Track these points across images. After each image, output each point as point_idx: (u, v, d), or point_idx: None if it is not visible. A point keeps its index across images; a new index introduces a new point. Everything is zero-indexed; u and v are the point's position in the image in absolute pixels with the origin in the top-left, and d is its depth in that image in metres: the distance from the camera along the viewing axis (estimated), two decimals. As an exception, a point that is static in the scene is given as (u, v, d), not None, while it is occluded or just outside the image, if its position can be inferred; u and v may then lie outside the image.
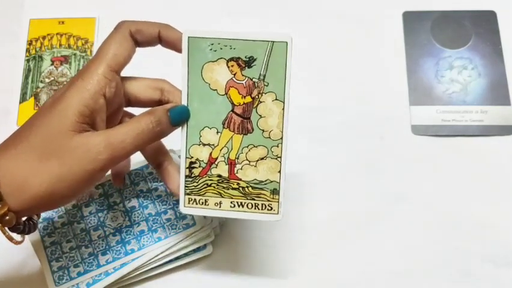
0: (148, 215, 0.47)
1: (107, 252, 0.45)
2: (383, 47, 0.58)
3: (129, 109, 0.41)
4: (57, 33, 0.59)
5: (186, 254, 0.47)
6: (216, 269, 0.48)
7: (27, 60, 0.58)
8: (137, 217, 0.47)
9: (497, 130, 0.54)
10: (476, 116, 0.54)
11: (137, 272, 0.46)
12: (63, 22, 0.59)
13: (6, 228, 0.34)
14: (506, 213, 0.50)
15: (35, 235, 0.46)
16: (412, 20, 0.59)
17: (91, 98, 0.35)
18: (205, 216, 0.46)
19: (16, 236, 0.36)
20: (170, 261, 0.46)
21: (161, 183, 0.48)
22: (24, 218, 0.37)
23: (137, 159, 0.50)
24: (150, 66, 0.45)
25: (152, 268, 0.46)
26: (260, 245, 0.49)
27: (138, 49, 0.38)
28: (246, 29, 0.58)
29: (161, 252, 0.45)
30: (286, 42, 0.37)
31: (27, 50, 0.58)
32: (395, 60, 0.57)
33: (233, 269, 0.48)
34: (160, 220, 0.47)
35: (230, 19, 0.59)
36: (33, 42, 0.58)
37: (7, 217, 0.33)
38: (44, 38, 0.59)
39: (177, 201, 0.47)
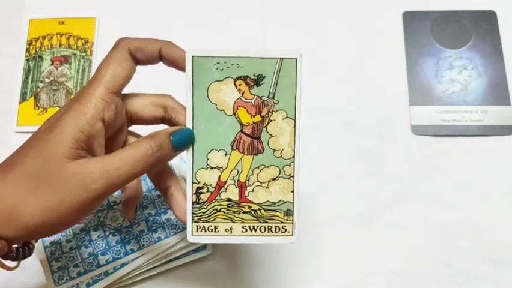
0: (148, 215, 0.47)
1: (107, 252, 0.45)
2: (383, 47, 0.58)
3: (135, 128, 0.40)
4: (57, 33, 0.59)
5: (186, 254, 0.47)
6: (215, 269, 0.48)
7: (27, 60, 0.58)
8: (137, 217, 0.47)
9: (497, 130, 0.54)
10: (476, 116, 0.54)
11: (137, 272, 0.46)
12: (63, 22, 0.59)
13: None
14: (506, 213, 0.50)
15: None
16: (412, 20, 0.59)
17: (87, 122, 0.33)
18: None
19: (9, 263, 0.35)
20: (170, 261, 0.46)
21: (161, 183, 0.48)
22: (17, 245, 0.36)
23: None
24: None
25: (152, 268, 0.46)
26: (260, 245, 0.49)
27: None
28: (247, 29, 0.58)
29: (161, 252, 0.45)
30: (296, 59, 0.36)
31: (27, 50, 0.58)
32: (395, 60, 0.57)
33: (233, 269, 0.48)
34: (160, 220, 0.47)
35: (230, 19, 0.59)
36: (33, 42, 0.58)
37: None
38: (44, 38, 0.59)
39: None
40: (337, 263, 0.49)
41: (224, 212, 0.37)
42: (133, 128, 0.39)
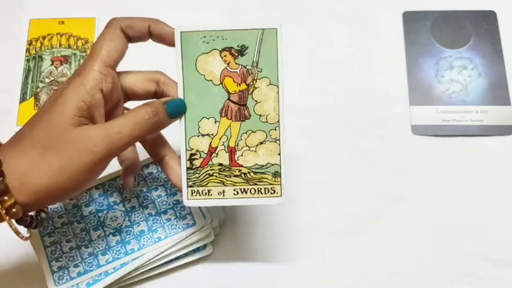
0: (148, 215, 0.47)
1: (107, 252, 0.45)
2: (383, 47, 0.58)
3: (130, 106, 0.41)
4: (57, 33, 0.59)
5: (186, 254, 0.47)
6: (215, 269, 0.48)
7: (27, 60, 0.58)
8: (137, 217, 0.47)
9: (497, 130, 0.54)
10: (476, 116, 0.54)
11: (137, 272, 0.46)
12: (63, 22, 0.59)
13: (13, 221, 0.35)
14: (506, 213, 0.50)
15: (35, 235, 0.46)
16: (412, 20, 0.59)
17: (87, 93, 0.36)
18: (205, 213, 0.46)
19: (23, 231, 0.37)
20: (171, 261, 0.46)
21: (161, 184, 0.48)
22: (32, 213, 0.38)
23: (137, 159, 0.50)
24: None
25: (152, 268, 0.46)
26: (260, 245, 0.49)
27: (132, 46, 0.39)
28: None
29: (161, 252, 0.45)
30: (276, 29, 0.38)
31: (27, 50, 0.58)
32: (395, 60, 0.57)
33: (233, 269, 0.48)
34: (160, 220, 0.47)
35: (230, 19, 0.59)
36: (33, 42, 0.58)
37: (14, 209, 0.35)
38: (44, 38, 0.59)
39: (177, 201, 0.47)
40: (337, 263, 0.49)
41: (216, 176, 0.40)
42: (129, 106, 0.42)
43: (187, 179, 0.40)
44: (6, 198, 0.34)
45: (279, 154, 0.39)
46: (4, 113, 0.56)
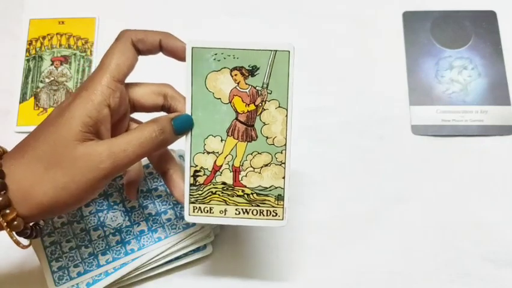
0: (148, 215, 0.47)
1: (107, 252, 0.45)
2: (383, 47, 0.58)
3: (137, 116, 0.42)
4: (57, 33, 0.59)
5: (186, 254, 0.47)
6: (215, 269, 0.48)
7: (27, 60, 0.58)
8: (137, 217, 0.47)
9: (497, 130, 0.54)
10: (476, 116, 0.54)
11: (137, 272, 0.46)
12: (63, 22, 0.59)
13: (14, 232, 0.36)
14: (506, 213, 0.50)
15: (35, 235, 0.46)
16: (412, 20, 0.59)
17: (95, 108, 0.36)
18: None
19: (23, 241, 0.37)
20: (171, 261, 0.46)
21: (161, 183, 0.48)
22: (30, 224, 0.38)
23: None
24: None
25: (152, 268, 0.46)
26: (260, 246, 0.49)
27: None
28: (247, 29, 0.58)
29: (161, 252, 0.45)
30: (289, 51, 0.37)
31: (27, 50, 0.58)
32: (395, 60, 0.57)
33: (233, 269, 0.48)
34: (160, 220, 0.47)
35: (230, 19, 0.59)
36: (33, 42, 0.58)
37: (15, 222, 0.35)
38: (44, 38, 0.59)
39: (177, 202, 0.47)
40: (337, 263, 0.49)
41: (219, 195, 0.39)
42: (135, 116, 0.42)
43: (190, 195, 0.39)
44: (8, 211, 0.34)
45: (284, 178, 0.39)
46: (4, 113, 0.56)
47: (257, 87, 0.38)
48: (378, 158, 0.53)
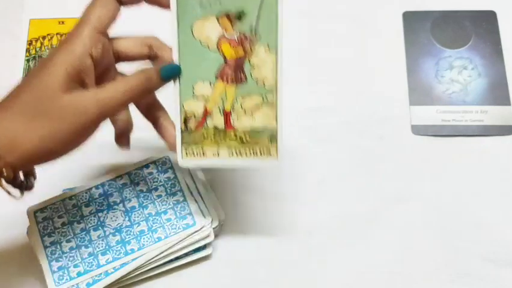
0: (148, 215, 0.47)
1: (107, 252, 0.45)
2: (383, 47, 0.58)
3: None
4: (57, 33, 0.59)
5: (186, 254, 0.47)
6: (215, 269, 0.48)
7: (27, 60, 0.58)
8: (137, 217, 0.47)
9: (497, 130, 0.54)
10: (476, 116, 0.54)
11: (137, 272, 0.46)
12: (63, 22, 0.59)
13: (3, 180, 0.36)
14: (506, 213, 0.50)
15: (35, 235, 0.46)
16: (412, 20, 0.59)
17: (77, 59, 0.36)
18: (205, 213, 0.46)
19: (14, 192, 0.38)
20: (171, 261, 0.46)
21: (161, 183, 0.48)
22: (22, 176, 0.39)
23: (138, 159, 0.50)
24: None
25: (152, 268, 0.46)
26: (260, 246, 0.49)
27: (124, 10, 0.39)
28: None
29: (161, 252, 0.45)
30: None
31: (27, 50, 0.58)
32: (395, 60, 0.57)
33: (233, 270, 0.48)
34: (160, 220, 0.47)
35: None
36: (33, 42, 0.58)
37: (4, 170, 0.35)
38: (44, 38, 0.59)
39: (177, 201, 0.47)
40: (337, 263, 0.49)
41: (211, 139, 0.39)
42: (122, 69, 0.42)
43: (182, 139, 0.39)
44: None
45: (276, 118, 0.39)
46: (4, 113, 0.56)
47: (245, 32, 0.38)
48: (378, 158, 0.53)
